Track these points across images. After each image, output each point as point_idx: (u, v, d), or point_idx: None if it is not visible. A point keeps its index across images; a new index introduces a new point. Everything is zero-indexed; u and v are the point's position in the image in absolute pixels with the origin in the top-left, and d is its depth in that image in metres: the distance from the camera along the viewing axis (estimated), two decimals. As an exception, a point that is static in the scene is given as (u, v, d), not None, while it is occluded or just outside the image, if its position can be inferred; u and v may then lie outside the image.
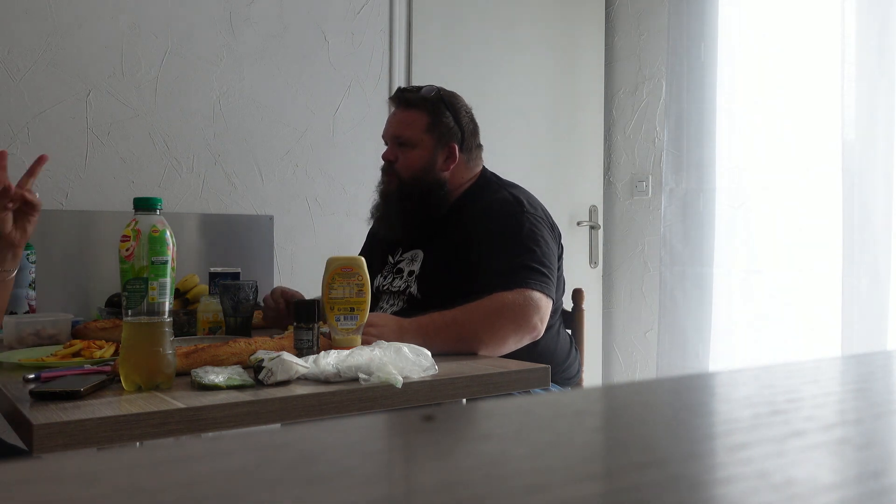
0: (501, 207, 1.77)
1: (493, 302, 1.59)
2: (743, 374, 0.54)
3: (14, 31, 2.29)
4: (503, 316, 1.59)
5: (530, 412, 0.43)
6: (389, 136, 1.89)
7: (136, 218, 1.14)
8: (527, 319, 1.60)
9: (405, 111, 1.87)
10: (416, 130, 1.84)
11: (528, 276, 1.64)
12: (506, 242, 1.70)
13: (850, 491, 0.30)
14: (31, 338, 1.55)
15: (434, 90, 1.87)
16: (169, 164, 2.53)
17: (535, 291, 1.62)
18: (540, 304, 1.62)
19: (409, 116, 1.86)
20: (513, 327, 1.59)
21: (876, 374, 0.57)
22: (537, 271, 1.65)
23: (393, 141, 1.88)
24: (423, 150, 1.84)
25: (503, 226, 1.73)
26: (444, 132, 1.85)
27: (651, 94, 3.27)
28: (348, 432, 0.39)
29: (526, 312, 1.60)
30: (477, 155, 1.93)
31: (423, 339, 1.47)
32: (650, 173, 3.27)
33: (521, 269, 1.65)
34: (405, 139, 1.85)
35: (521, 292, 1.62)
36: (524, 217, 1.74)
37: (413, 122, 1.85)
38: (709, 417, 0.45)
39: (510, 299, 1.60)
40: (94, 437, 0.94)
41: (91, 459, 0.33)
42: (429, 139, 1.84)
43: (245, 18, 2.66)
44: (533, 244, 1.69)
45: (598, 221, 3.36)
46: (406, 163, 1.85)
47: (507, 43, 3.16)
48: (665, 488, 0.30)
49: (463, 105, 1.91)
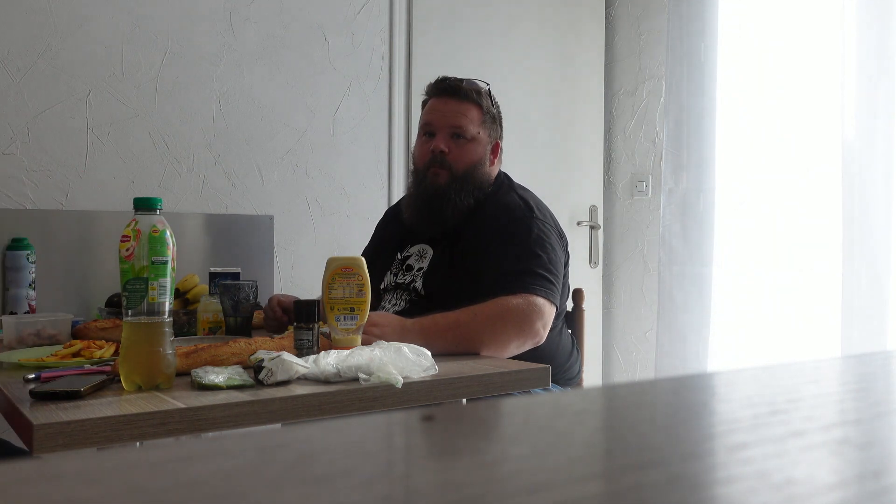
0: (512, 211, 1.76)
1: (496, 306, 1.58)
2: (743, 374, 0.54)
3: (14, 31, 2.29)
4: (506, 321, 1.57)
5: (530, 412, 0.43)
6: (445, 125, 1.79)
7: (136, 218, 1.14)
8: (530, 325, 1.59)
9: (460, 102, 1.80)
10: (474, 123, 1.80)
11: (534, 281, 1.63)
12: (514, 246, 1.69)
13: (850, 491, 0.30)
14: (31, 338, 1.55)
15: (486, 84, 1.83)
16: (169, 164, 2.53)
17: (539, 297, 1.61)
18: (543, 311, 1.61)
19: (465, 108, 1.80)
20: (515, 332, 1.59)
21: (876, 374, 0.57)
22: (543, 277, 1.64)
23: (447, 132, 1.79)
24: (478, 144, 1.80)
25: (512, 229, 1.72)
26: (492, 128, 1.83)
27: (651, 94, 3.27)
28: (348, 432, 0.39)
29: (529, 318, 1.59)
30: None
31: (425, 340, 1.45)
32: (650, 173, 3.27)
33: (527, 274, 1.64)
34: (463, 131, 1.79)
35: (526, 297, 1.61)
36: (533, 222, 1.73)
37: (470, 114, 1.80)
38: (709, 417, 0.45)
39: (514, 304, 1.59)
40: (94, 437, 0.94)
41: (91, 459, 0.33)
42: (484, 134, 1.81)
43: (245, 18, 2.66)
44: (540, 250, 1.68)
45: (598, 221, 3.37)
46: (461, 155, 1.79)
47: (507, 43, 3.16)
48: (665, 488, 0.30)
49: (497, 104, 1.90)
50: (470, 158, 1.79)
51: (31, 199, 2.31)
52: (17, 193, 2.29)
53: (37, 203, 2.31)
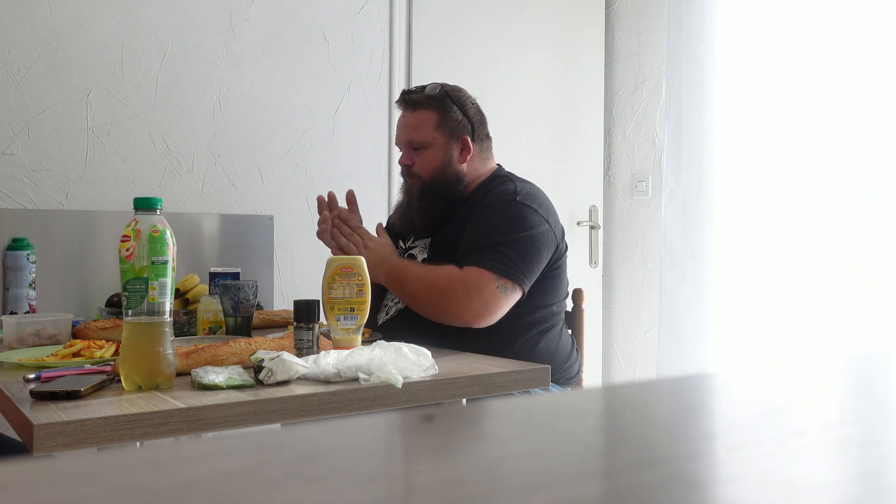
0: (498, 195, 1.79)
1: (435, 270, 1.67)
2: (743, 375, 0.54)
3: (14, 31, 2.30)
4: (436, 286, 1.65)
5: (530, 412, 0.43)
6: (402, 141, 1.89)
7: (137, 218, 1.14)
8: (462, 299, 1.62)
9: (413, 113, 1.87)
10: (426, 131, 1.84)
11: (489, 256, 1.65)
12: (483, 224, 1.73)
13: (850, 491, 0.30)
14: (31, 338, 1.55)
15: (438, 87, 1.87)
16: (169, 164, 2.53)
17: (487, 272, 1.63)
18: (484, 288, 1.62)
19: (417, 118, 1.85)
20: (445, 302, 1.64)
21: (876, 374, 0.57)
22: (502, 255, 1.65)
23: (406, 146, 1.87)
24: (436, 148, 1.84)
25: (491, 211, 1.75)
26: (454, 126, 1.86)
27: (651, 94, 3.27)
28: (348, 432, 0.39)
29: (463, 292, 1.62)
30: (488, 146, 1.94)
31: (388, 280, 1.71)
32: (650, 173, 3.27)
33: (484, 249, 1.67)
34: (417, 142, 1.85)
35: (470, 270, 1.64)
36: (515, 205, 1.74)
37: (422, 123, 1.85)
38: (709, 417, 0.45)
39: (451, 273, 1.65)
40: (94, 437, 0.94)
41: (91, 459, 0.33)
42: (440, 136, 1.85)
43: (245, 18, 2.66)
44: (511, 231, 1.69)
45: (598, 221, 3.36)
46: (423, 164, 1.85)
47: (506, 43, 3.16)
48: (665, 488, 0.30)
49: (468, 97, 1.92)
50: (431, 164, 1.85)
51: (32, 199, 2.31)
52: (18, 193, 2.29)
53: (37, 203, 2.31)
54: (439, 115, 1.85)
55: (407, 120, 1.88)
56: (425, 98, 1.86)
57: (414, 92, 1.89)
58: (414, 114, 1.86)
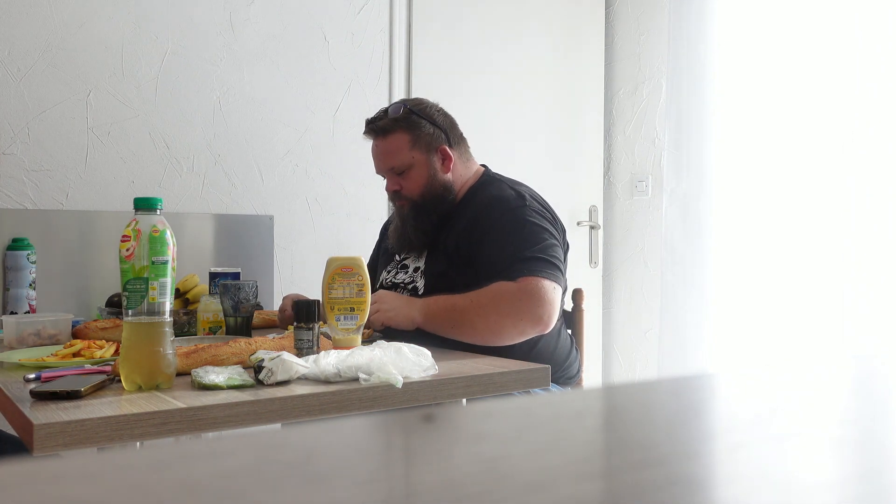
0: (505, 202, 1.78)
1: (489, 292, 1.62)
2: (743, 374, 0.54)
3: (14, 31, 2.30)
4: (499, 306, 1.61)
5: (530, 412, 0.43)
6: (383, 169, 1.88)
7: (137, 218, 1.14)
8: (527, 310, 1.61)
9: (384, 139, 1.85)
10: (403, 153, 1.83)
11: (535, 265, 1.65)
12: (509, 235, 1.71)
13: (849, 490, 0.30)
14: (31, 338, 1.55)
15: (401, 106, 1.86)
16: (169, 164, 2.53)
17: (542, 279, 1.63)
18: (546, 293, 1.62)
19: (390, 143, 1.84)
20: (511, 318, 1.61)
21: (876, 374, 0.57)
22: (544, 261, 1.66)
23: (388, 173, 1.86)
24: (418, 166, 1.84)
25: (506, 220, 1.74)
26: (429, 140, 1.85)
27: (651, 94, 3.27)
28: (348, 432, 0.39)
29: (525, 303, 1.61)
30: (465, 147, 1.93)
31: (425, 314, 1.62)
32: (650, 173, 3.27)
33: (526, 260, 1.66)
34: (398, 167, 1.84)
35: (525, 281, 1.63)
36: (526, 210, 1.75)
37: (397, 147, 1.84)
38: (709, 417, 0.45)
39: (508, 289, 1.62)
40: (94, 437, 0.94)
41: (91, 459, 0.33)
42: (419, 154, 1.84)
43: (245, 18, 2.66)
44: (537, 237, 1.70)
45: (598, 221, 3.37)
46: (410, 186, 1.84)
47: (506, 43, 3.16)
48: (665, 488, 0.30)
49: (432, 105, 1.91)
50: (418, 184, 1.84)
51: (32, 199, 2.31)
52: (18, 193, 2.29)
53: (37, 203, 2.31)
54: (411, 134, 1.84)
55: (381, 148, 1.86)
56: (392, 121, 1.84)
57: (378, 119, 1.87)
58: (385, 140, 1.85)
